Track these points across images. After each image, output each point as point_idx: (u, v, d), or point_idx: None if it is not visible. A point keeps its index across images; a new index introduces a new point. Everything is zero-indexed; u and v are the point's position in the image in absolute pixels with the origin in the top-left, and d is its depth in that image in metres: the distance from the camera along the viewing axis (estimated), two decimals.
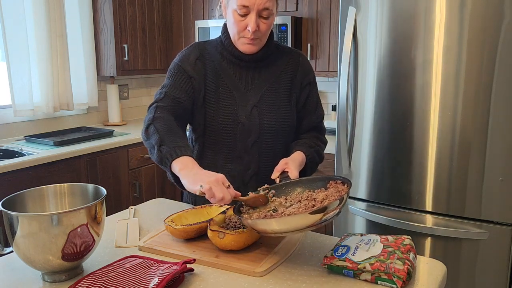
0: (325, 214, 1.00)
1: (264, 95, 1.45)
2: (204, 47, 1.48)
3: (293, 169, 1.30)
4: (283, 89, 1.48)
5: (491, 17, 1.89)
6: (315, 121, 1.54)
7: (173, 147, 1.22)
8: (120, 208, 2.47)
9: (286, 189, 1.25)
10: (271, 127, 1.44)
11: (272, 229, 1.03)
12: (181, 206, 1.54)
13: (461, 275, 2.11)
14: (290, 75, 1.49)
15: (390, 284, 1.00)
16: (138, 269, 1.03)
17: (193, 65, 1.43)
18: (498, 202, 1.98)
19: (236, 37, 1.41)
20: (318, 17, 2.89)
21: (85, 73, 3.21)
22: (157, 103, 1.38)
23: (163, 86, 1.43)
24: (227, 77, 1.45)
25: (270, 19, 1.38)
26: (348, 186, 1.13)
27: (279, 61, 1.50)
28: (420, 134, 2.10)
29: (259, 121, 1.43)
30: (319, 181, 1.22)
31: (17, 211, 1.02)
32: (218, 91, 1.43)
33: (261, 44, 1.43)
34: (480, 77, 1.95)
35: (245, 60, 1.45)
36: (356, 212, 2.33)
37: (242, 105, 1.43)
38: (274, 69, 1.48)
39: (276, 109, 1.45)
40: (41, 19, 2.84)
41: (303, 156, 1.41)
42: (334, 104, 3.19)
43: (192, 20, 3.43)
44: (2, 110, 2.85)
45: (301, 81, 1.50)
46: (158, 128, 1.29)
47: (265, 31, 1.39)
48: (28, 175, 2.36)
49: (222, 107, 1.42)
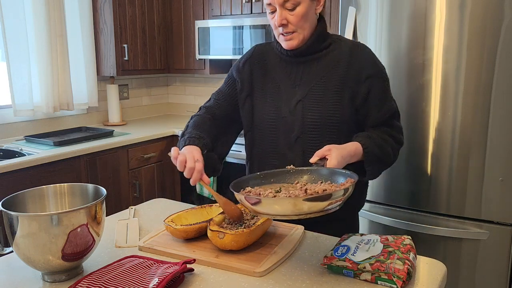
0: (309, 206, 0.96)
1: (312, 90, 1.39)
2: (259, 48, 1.54)
3: (334, 157, 1.16)
4: (334, 83, 1.38)
5: (491, 17, 1.89)
6: (381, 118, 1.39)
7: (188, 137, 1.34)
8: (120, 208, 2.47)
9: (302, 174, 1.18)
10: (315, 122, 1.37)
11: (257, 209, 1.01)
12: (181, 206, 1.55)
13: (461, 275, 2.11)
14: (344, 69, 1.38)
15: (390, 284, 1.00)
16: (138, 269, 1.03)
17: (241, 68, 1.51)
18: (498, 202, 1.98)
19: (276, 36, 1.41)
20: None
21: (85, 73, 3.21)
22: (203, 105, 1.55)
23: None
24: (276, 73, 1.46)
25: (298, 10, 1.31)
26: (352, 182, 1.04)
27: (332, 54, 1.40)
28: (420, 134, 2.10)
29: (302, 116, 1.38)
30: (340, 176, 1.11)
31: (17, 211, 1.02)
32: (266, 88, 1.46)
33: (301, 37, 1.36)
34: (480, 77, 1.95)
35: (292, 56, 1.41)
36: None
37: (287, 100, 1.41)
38: (326, 63, 1.40)
39: (323, 104, 1.37)
40: (41, 19, 2.84)
41: (357, 147, 1.27)
42: None
43: (192, 20, 3.43)
44: (2, 110, 2.85)
45: (355, 75, 1.37)
46: (190, 123, 1.47)
47: (297, 23, 1.33)
48: (28, 175, 2.36)
49: (268, 102, 1.44)
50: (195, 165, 1.20)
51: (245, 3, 3.11)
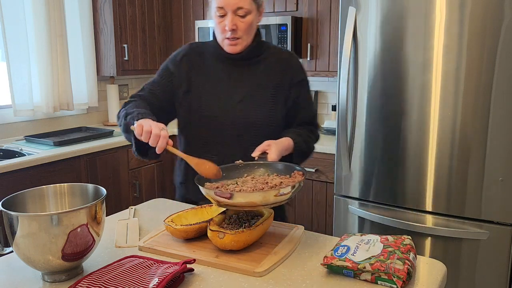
0: (276, 195, 1.11)
1: (251, 91, 1.51)
2: (196, 47, 1.57)
3: (273, 152, 1.33)
4: (271, 87, 1.52)
5: (491, 17, 1.89)
6: (307, 118, 1.59)
7: (137, 114, 1.32)
8: (120, 208, 2.47)
9: (253, 168, 1.34)
10: (255, 123, 1.49)
11: (221, 201, 1.12)
12: (181, 206, 1.55)
13: (461, 275, 2.11)
14: (279, 74, 1.54)
15: (390, 284, 1.00)
16: (138, 269, 1.03)
17: (178, 62, 1.53)
18: (498, 202, 1.98)
19: (220, 39, 1.48)
20: (318, 17, 2.89)
21: (85, 73, 3.21)
22: (137, 93, 1.52)
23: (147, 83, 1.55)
24: (215, 73, 1.52)
25: (248, 18, 1.43)
26: (303, 175, 1.23)
27: (268, 60, 1.54)
28: (420, 134, 2.10)
29: (243, 117, 1.49)
30: (287, 168, 1.30)
31: (17, 211, 1.02)
32: (204, 86, 1.51)
33: (244, 43, 1.47)
34: (480, 77, 1.95)
35: (233, 59, 1.50)
36: (356, 212, 2.33)
37: (227, 101, 1.49)
38: (263, 68, 1.53)
39: (261, 107, 1.50)
40: (41, 19, 2.84)
41: (290, 142, 1.43)
42: (334, 104, 3.19)
43: (192, 20, 3.43)
44: (2, 110, 2.85)
45: (290, 81, 1.54)
46: (127, 108, 1.42)
47: (245, 30, 1.44)
48: (28, 175, 2.36)
49: (206, 101, 1.49)
50: (160, 133, 1.21)
51: None
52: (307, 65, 2.97)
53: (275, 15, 3.00)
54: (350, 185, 2.34)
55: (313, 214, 2.79)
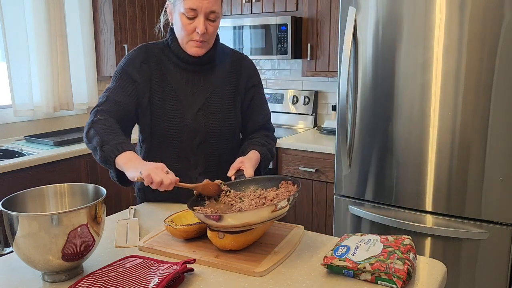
0: (273, 211, 1.08)
1: (210, 98, 1.51)
2: (151, 49, 1.52)
3: (248, 168, 1.35)
4: (228, 92, 1.54)
5: (491, 17, 1.89)
6: (261, 121, 1.60)
7: (115, 145, 1.29)
8: (120, 208, 2.47)
9: (240, 187, 1.32)
10: (216, 129, 1.51)
11: (222, 225, 1.08)
12: (181, 206, 1.55)
13: (461, 275, 2.11)
14: (234, 78, 1.55)
15: (390, 284, 1.00)
16: (138, 269, 1.03)
17: (138, 68, 1.48)
18: (498, 202, 1.98)
19: (184, 41, 1.45)
20: (318, 17, 2.89)
21: (85, 73, 3.21)
22: (98, 107, 1.42)
23: (106, 90, 1.48)
24: (173, 80, 1.49)
25: (216, 22, 1.44)
26: (297, 187, 1.21)
27: (223, 64, 1.55)
28: (420, 134, 2.10)
29: (204, 123, 1.49)
30: (272, 181, 1.30)
31: (17, 211, 1.02)
32: (164, 93, 1.48)
33: (209, 46, 1.48)
34: (480, 77, 1.95)
35: (191, 63, 1.50)
36: (356, 212, 2.33)
37: (188, 108, 1.49)
38: (219, 73, 1.54)
39: (221, 112, 1.51)
40: (41, 19, 2.84)
41: (257, 155, 1.47)
42: (334, 104, 3.19)
43: None
44: (2, 110, 2.85)
45: (245, 84, 1.57)
46: (98, 130, 1.33)
47: (213, 33, 1.45)
48: (28, 175, 2.36)
49: (168, 109, 1.48)
50: (171, 178, 1.19)
51: (245, 3, 3.11)
52: (307, 65, 2.97)
53: (275, 15, 3.00)
54: (350, 185, 2.34)
55: (313, 214, 2.79)
